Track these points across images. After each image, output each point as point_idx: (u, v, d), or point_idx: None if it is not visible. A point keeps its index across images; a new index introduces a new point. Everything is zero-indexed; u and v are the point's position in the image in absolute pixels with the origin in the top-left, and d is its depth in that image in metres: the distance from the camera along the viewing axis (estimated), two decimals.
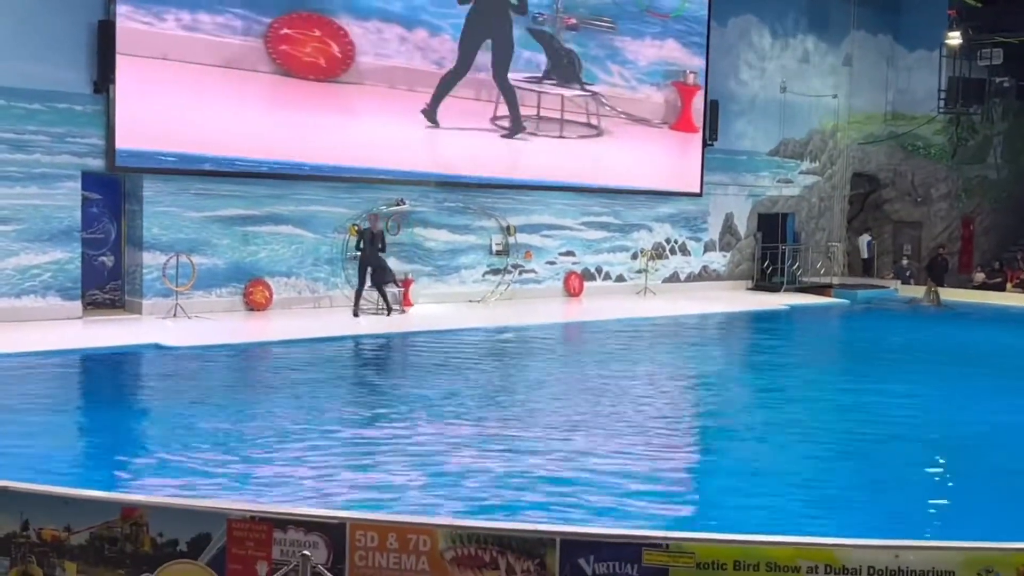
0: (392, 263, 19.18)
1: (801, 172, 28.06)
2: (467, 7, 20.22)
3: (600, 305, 21.09)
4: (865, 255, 29.09)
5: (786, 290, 25.48)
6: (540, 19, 21.59)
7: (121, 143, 15.94)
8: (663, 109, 24.01)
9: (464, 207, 20.55)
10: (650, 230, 24.24)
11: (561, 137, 22.03)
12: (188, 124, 16.63)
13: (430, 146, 19.83)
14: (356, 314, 17.42)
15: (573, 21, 22.13)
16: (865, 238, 29.34)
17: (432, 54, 19.83)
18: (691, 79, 24.40)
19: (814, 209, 28.56)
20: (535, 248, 21.86)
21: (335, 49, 18.53)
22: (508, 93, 20.78)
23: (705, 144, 24.65)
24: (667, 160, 24.07)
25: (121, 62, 15.80)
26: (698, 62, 24.45)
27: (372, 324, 17.02)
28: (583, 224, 22.78)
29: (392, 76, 19.24)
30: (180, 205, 16.86)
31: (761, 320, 21.23)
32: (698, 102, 24.48)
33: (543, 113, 21.62)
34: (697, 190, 24.67)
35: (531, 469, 8.48)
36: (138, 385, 12.40)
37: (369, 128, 18.81)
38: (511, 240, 21.28)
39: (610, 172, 22.77)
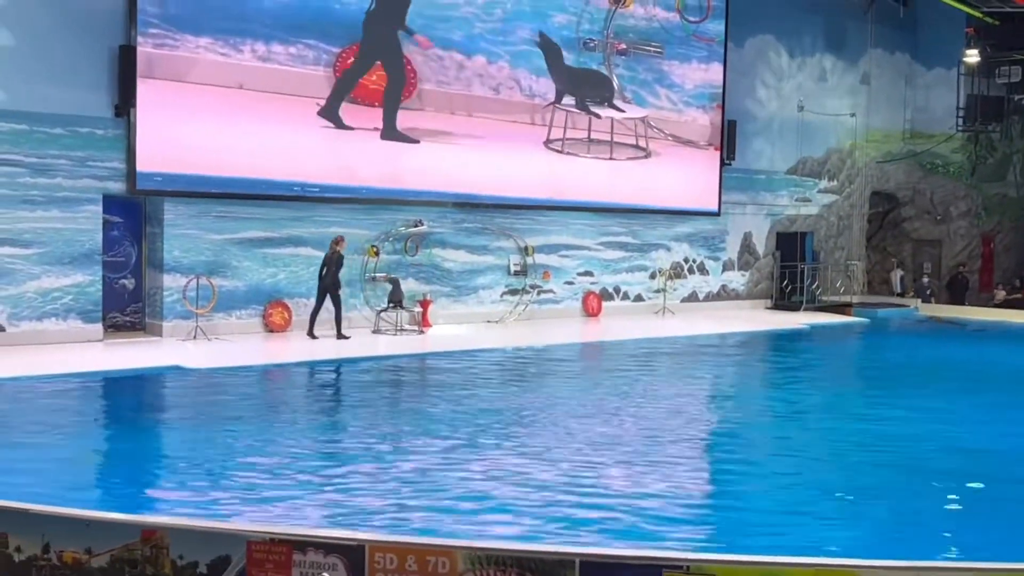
0: (411, 284, 19.26)
1: (819, 191, 28.01)
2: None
3: (619, 325, 21.05)
4: (898, 290, 29.05)
5: (805, 309, 25.38)
6: (591, 44, 22.03)
7: (141, 168, 16.09)
8: (709, 131, 24.32)
9: (482, 227, 20.58)
10: (668, 249, 24.22)
11: (611, 159, 22.51)
12: (210, 149, 16.77)
13: (477, 168, 20.15)
14: (345, 333, 17.30)
15: (623, 46, 22.64)
16: (898, 272, 29.37)
17: (490, 80, 20.32)
18: None
19: (833, 228, 28.49)
20: (553, 268, 21.86)
21: None
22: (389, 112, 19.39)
23: (723, 164, 24.69)
24: (702, 183, 24.46)
25: (142, 86, 15.95)
26: None
27: (391, 345, 17.05)
28: (601, 244, 22.78)
29: (452, 102, 19.81)
30: (200, 228, 16.95)
31: (781, 340, 21.13)
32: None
33: (571, 134, 21.90)
34: (715, 209, 24.68)
35: (551, 491, 8.44)
36: (159, 407, 12.42)
37: (422, 152, 19.35)
38: (529, 260, 21.30)
39: (656, 194, 23.28)
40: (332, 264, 17.36)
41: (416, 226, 19.38)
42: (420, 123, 19.35)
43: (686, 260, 24.71)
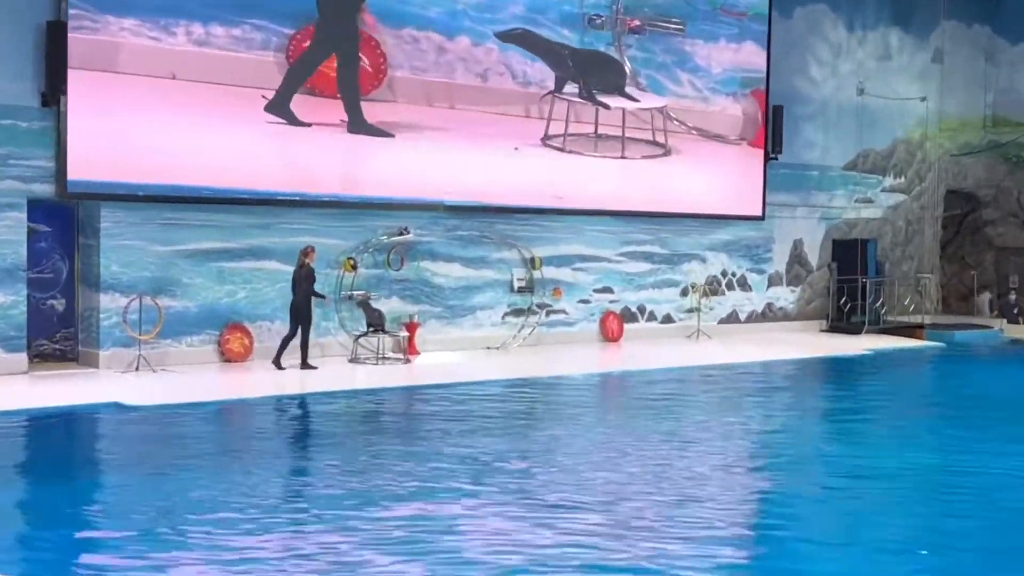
0: (395, 303, 19.30)
1: (884, 190, 28.06)
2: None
3: (644, 351, 21.10)
4: (987, 315, 29.03)
5: (868, 332, 25.39)
6: (598, 21, 21.92)
7: (73, 167, 16.14)
8: (740, 123, 24.28)
9: (480, 235, 20.62)
10: (703, 261, 24.26)
11: (623, 158, 22.51)
12: (141, 152, 16.71)
13: (459, 170, 20.13)
14: (280, 366, 17.23)
15: (636, 23, 22.50)
16: (985, 296, 29.36)
17: (475, 66, 20.31)
18: None
19: (900, 234, 28.51)
20: (565, 284, 21.90)
21: (365, 63, 19.10)
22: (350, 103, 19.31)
23: (768, 158, 24.70)
24: (740, 181, 24.42)
25: (74, 72, 16.03)
26: None
27: (370, 377, 17.08)
28: (622, 255, 22.82)
29: (430, 92, 19.76)
30: (144, 238, 17.00)
31: (839, 369, 21.10)
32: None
33: (574, 129, 21.92)
34: (759, 213, 24.69)
35: (559, 558, 8.45)
36: (93, 453, 12.45)
37: (396, 151, 19.34)
38: (536, 274, 21.34)
39: (680, 199, 23.30)
40: (301, 280, 17.36)
41: (401, 234, 19.43)
42: (391, 117, 19.27)
43: (724, 273, 24.75)
